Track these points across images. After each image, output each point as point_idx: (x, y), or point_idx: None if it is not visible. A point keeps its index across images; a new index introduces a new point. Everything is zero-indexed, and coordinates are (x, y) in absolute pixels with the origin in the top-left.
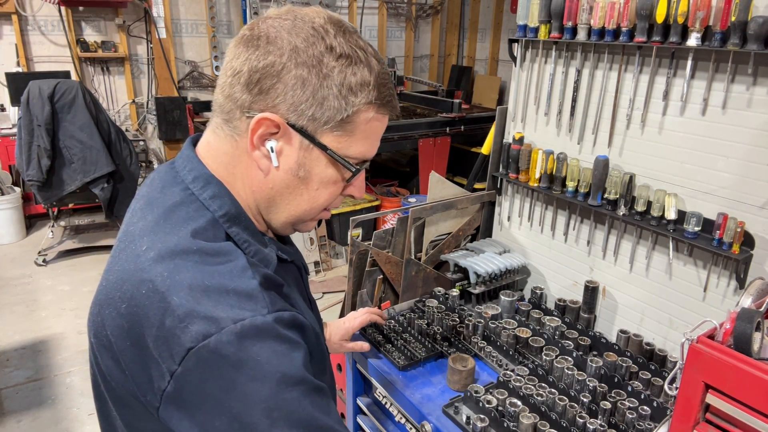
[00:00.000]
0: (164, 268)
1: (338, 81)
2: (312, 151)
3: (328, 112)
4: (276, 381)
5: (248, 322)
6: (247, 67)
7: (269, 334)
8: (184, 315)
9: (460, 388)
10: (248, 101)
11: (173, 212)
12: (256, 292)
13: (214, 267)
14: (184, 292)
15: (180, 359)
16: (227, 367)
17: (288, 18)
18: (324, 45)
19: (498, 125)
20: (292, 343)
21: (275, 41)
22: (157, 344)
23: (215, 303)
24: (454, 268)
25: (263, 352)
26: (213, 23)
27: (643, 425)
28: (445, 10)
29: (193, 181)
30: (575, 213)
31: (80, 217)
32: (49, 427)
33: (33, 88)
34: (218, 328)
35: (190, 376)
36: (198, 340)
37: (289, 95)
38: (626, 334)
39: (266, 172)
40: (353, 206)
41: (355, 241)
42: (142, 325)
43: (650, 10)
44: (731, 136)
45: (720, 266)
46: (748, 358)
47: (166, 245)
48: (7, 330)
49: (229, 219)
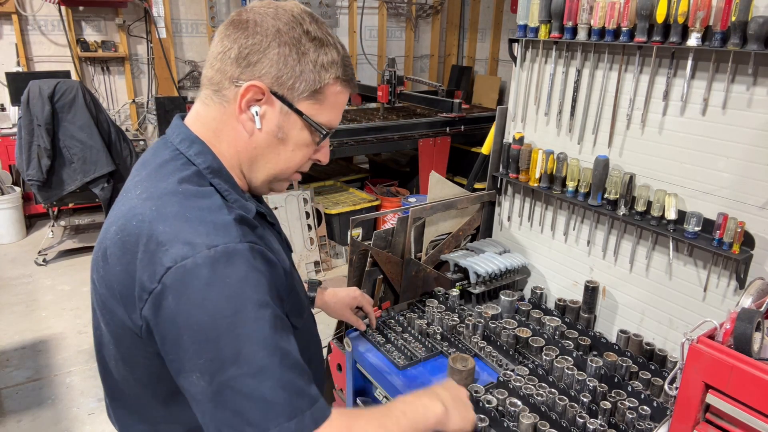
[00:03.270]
0: (152, 204)
1: (313, 59)
2: (290, 116)
3: (305, 84)
4: (242, 300)
5: (221, 248)
6: (237, 45)
7: (239, 261)
8: (166, 240)
9: None
10: (237, 73)
11: (163, 167)
12: (230, 224)
13: (194, 203)
14: (168, 221)
15: (159, 277)
16: (200, 285)
17: (271, 7)
18: (302, 29)
19: (498, 125)
20: (260, 272)
21: (261, 24)
22: (141, 264)
23: (194, 231)
24: (454, 268)
25: (233, 275)
26: (213, 23)
27: (643, 425)
28: (445, 10)
29: (180, 142)
30: (575, 213)
31: (80, 217)
32: (49, 427)
33: (33, 88)
34: (194, 251)
35: (167, 293)
36: (176, 260)
37: (273, 68)
38: (626, 334)
39: (250, 133)
40: (353, 206)
41: (355, 241)
42: (132, 250)
43: (650, 10)
44: (731, 136)
45: (720, 266)
46: (748, 358)
47: (156, 189)
48: (7, 330)
49: (212, 171)
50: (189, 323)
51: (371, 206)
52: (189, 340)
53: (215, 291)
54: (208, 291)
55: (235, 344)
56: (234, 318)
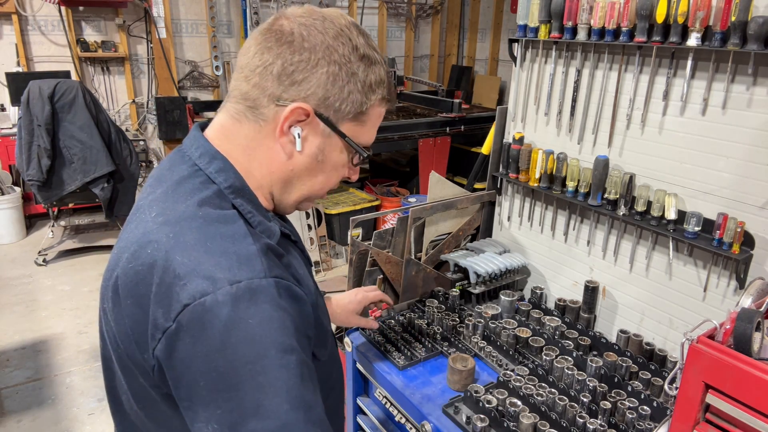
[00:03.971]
0: (170, 230)
1: (362, 78)
2: (332, 138)
3: (351, 105)
4: (265, 345)
5: (244, 285)
6: (281, 60)
7: (264, 299)
8: (184, 273)
9: (460, 388)
10: (279, 91)
11: (181, 185)
12: (254, 256)
13: (216, 230)
14: (186, 251)
15: (175, 315)
16: (219, 326)
17: (316, 18)
18: (351, 45)
19: (498, 125)
20: (285, 311)
21: (308, 39)
22: (156, 299)
23: (215, 264)
24: (454, 268)
25: (256, 316)
26: (213, 23)
27: (643, 425)
28: (445, 10)
29: (200, 157)
30: (575, 213)
31: (80, 217)
32: (49, 427)
33: (33, 88)
34: (215, 287)
35: (183, 333)
36: (195, 297)
37: (321, 89)
38: (626, 334)
39: (289, 156)
40: (353, 206)
41: (355, 241)
42: (146, 281)
43: (650, 10)
44: (731, 136)
45: (720, 266)
46: (748, 358)
47: (173, 212)
48: (7, 330)
49: (234, 191)
50: (207, 368)
51: (371, 206)
52: (206, 387)
53: (237, 334)
54: (228, 334)
55: (256, 394)
56: (256, 365)
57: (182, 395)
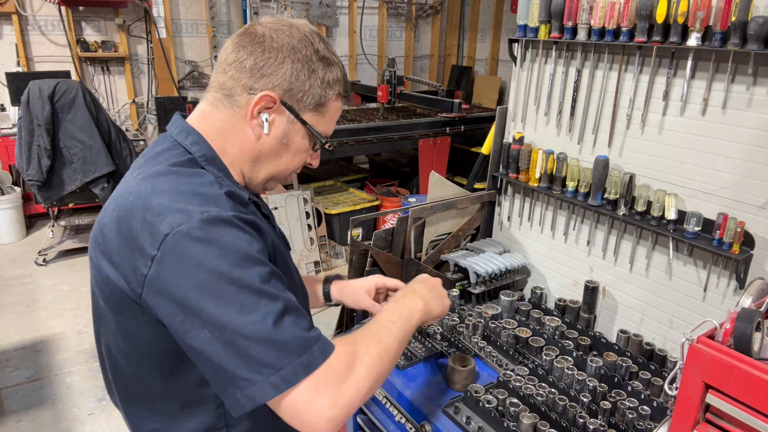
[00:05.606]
0: (147, 182)
1: (321, 76)
2: (295, 124)
3: (312, 97)
4: (239, 257)
5: (214, 213)
6: (254, 57)
7: (231, 224)
8: (161, 210)
9: (460, 388)
10: (251, 82)
11: (160, 155)
12: (220, 197)
13: (187, 179)
14: (162, 195)
15: (159, 244)
16: (197, 247)
17: (285, 24)
18: (312, 48)
19: (498, 125)
20: (251, 235)
21: (277, 40)
22: (140, 235)
23: (187, 201)
24: (454, 268)
25: (226, 235)
26: (213, 23)
27: (643, 425)
28: (445, 10)
29: (178, 134)
30: (575, 213)
31: (80, 217)
32: (49, 427)
33: (33, 88)
34: (189, 218)
35: (167, 258)
36: (173, 227)
37: (286, 81)
38: (626, 334)
39: (258, 137)
40: (353, 206)
41: (355, 241)
42: (130, 222)
43: (650, 10)
44: (731, 136)
45: (720, 266)
46: (748, 358)
47: (150, 171)
48: (7, 330)
49: (206, 159)
50: (192, 283)
51: (371, 206)
52: (194, 298)
53: (212, 250)
54: (205, 251)
55: (238, 295)
56: (233, 271)
57: (173, 312)
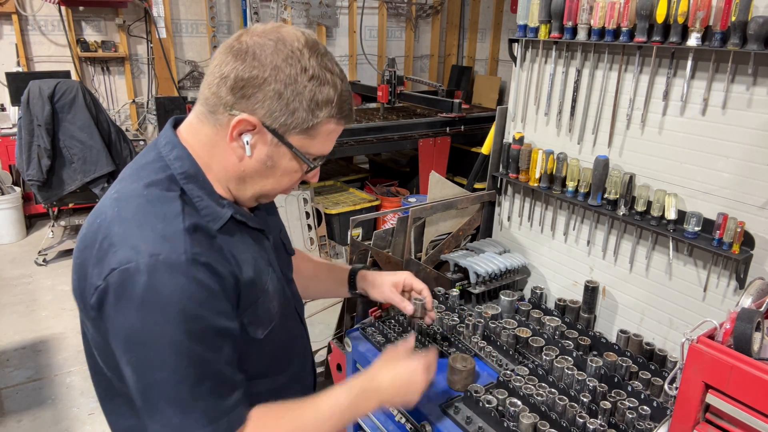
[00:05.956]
0: (116, 204)
1: (308, 97)
2: (280, 147)
3: (297, 121)
4: (174, 312)
5: (162, 258)
6: (234, 75)
7: (178, 271)
8: (116, 241)
9: (460, 388)
10: (231, 101)
11: (143, 168)
12: (179, 234)
13: (152, 209)
14: (123, 224)
15: (105, 276)
16: (137, 290)
17: (272, 38)
18: (300, 66)
19: (498, 125)
20: (200, 284)
21: (260, 57)
22: (93, 261)
23: (143, 238)
24: (454, 268)
25: (168, 285)
26: (213, 23)
27: (643, 425)
28: (445, 10)
29: (164, 145)
30: (575, 213)
31: (80, 217)
32: (49, 427)
33: (33, 88)
34: (138, 257)
35: (109, 292)
36: (121, 263)
37: (267, 103)
38: (626, 334)
39: (240, 159)
40: (353, 206)
41: (355, 241)
42: (90, 245)
43: (650, 10)
44: (731, 136)
45: (720, 266)
46: (748, 358)
47: (125, 190)
48: (7, 330)
49: (187, 177)
50: (124, 324)
51: (371, 206)
52: (123, 338)
53: (150, 298)
54: (143, 297)
55: (161, 351)
56: (163, 326)
57: (110, 341)
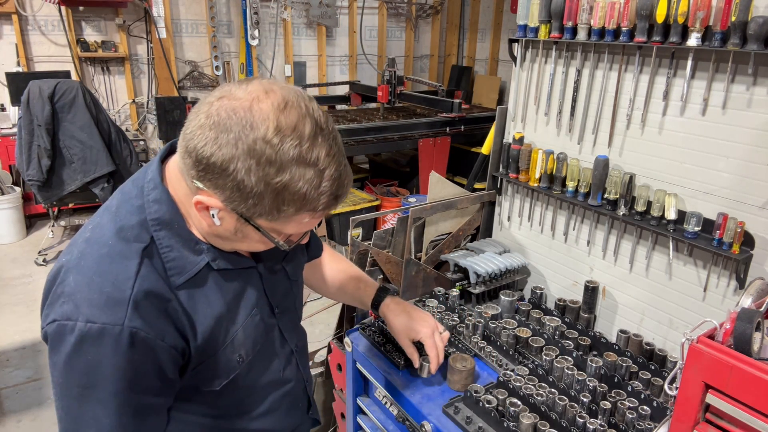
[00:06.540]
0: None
1: (272, 193)
2: (247, 225)
3: (261, 210)
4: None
5: (97, 327)
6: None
7: (108, 344)
8: (67, 293)
9: (460, 388)
10: (195, 174)
11: (125, 203)
12: (122, 303)
13: (109, 267)
14: (79, 274)
15: (47, 322)
16: (66, 350)
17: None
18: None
19: (498, 125)
20: (129, 363)
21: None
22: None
23: (88, 298)
24: (454, 268)
25: (95, 356)
26: (213, 23)
27: (643, 425)
28: (445, 10)
29: (148, 181)
30: (575, 213)
31: (80, 217)
32: (49, 427)
33: (33, 88)
34: (76, 318)
35: (48, 338)
36: (61, 317)
37: (227, 192)
38: (626, 334)
39: (210, 225)
40: (353, 206)
41: (355, 241)
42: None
43: (650, 10)
44: (731, 136)
45: (720, 266)
46: (748, 358)
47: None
48: (7, 330)
49: (160, 223)
50: (54, 373)
51: (371, 206)
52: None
53: (76, 361)
54: (70, 359)
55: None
56: (84, 392)
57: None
